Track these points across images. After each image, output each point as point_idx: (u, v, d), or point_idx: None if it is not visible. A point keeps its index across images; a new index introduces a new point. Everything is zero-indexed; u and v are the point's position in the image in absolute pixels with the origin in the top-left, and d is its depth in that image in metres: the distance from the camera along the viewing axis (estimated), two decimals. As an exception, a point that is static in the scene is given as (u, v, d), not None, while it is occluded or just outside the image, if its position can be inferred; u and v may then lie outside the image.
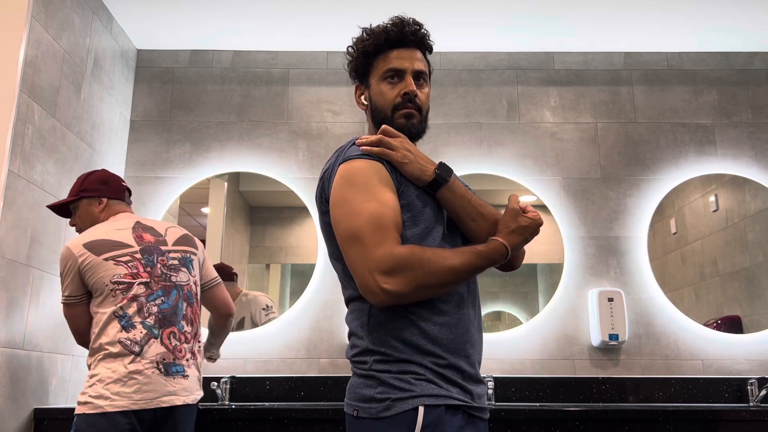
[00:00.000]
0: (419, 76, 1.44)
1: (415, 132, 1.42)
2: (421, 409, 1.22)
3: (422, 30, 1.47)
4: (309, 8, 2.80)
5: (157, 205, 2.94)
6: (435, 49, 3.13)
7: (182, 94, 3.09)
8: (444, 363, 1.26)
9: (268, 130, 3.05)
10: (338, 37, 3.03)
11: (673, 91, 3.11)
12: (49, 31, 2.33)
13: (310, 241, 2.92)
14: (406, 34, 1.44)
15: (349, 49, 1.50)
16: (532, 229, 1.33)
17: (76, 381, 2.54)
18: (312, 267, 2.89)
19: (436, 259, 1.24)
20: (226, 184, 2.98)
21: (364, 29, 1.48)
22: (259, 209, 2.97)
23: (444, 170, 1.34)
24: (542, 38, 3.04)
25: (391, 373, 1.26)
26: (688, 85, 3.11)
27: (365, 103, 1.47)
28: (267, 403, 2.59)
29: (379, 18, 2.99)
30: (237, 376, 2.73)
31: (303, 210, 2.95)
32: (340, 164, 1.34)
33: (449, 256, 1.25)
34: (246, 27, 2.95)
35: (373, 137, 1.34)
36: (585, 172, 3.01)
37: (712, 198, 2.96)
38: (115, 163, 2.90)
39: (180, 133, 3.04)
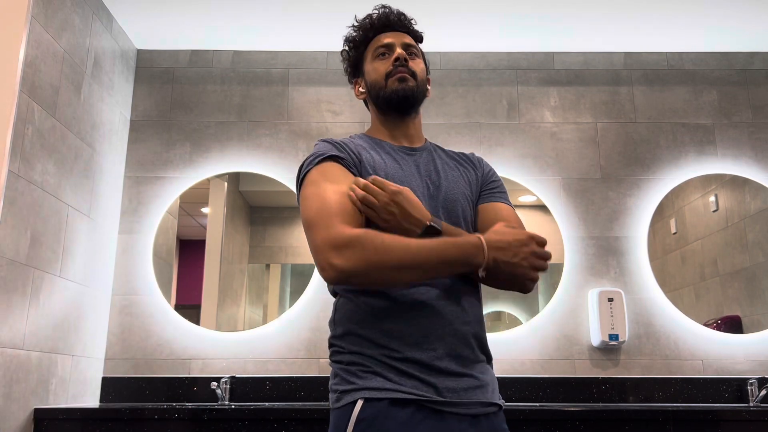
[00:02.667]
0: (409, 48, 1.46)
1: (411, 95, 1.41)
2: (359, 403, 1.20)
3: (406, 16, 1.50)
4: (309, 8, 2.80)
5: (157, 205, 2.94)
6: (435, 49, 3.14)
7: (182, 94, 3.09)
8: (399, 356, 1.22)
9: (268, 130, 3.05)
10: (338, 37, 3.03)
11: (673, 91, 3.11)
12: (49, 31, 2.33)
13: (310, 241, 2.91)
14: (390, 19, 1.48)
15: (342, 52, 1.54)
16: (515, 234, 1.22)
17: (76, 381, 2.54)
18: (312, 267, 2.89)
19: (391, 238, 1.18)
20: (226, 184, 2.98)
21: (351, 25, 1.52)
22: (259, 209, 2.97)
23: (430, 233, 1.23)
24: (542, 38, 3.04)
25: (342, 365, 1.27)
26: (688, 85, 3.11)
27: (363, 90, 1.50)
28: (267, 403, 2.59)
29: (379, 18, 2.99)
30: (237, 376, 2.73)
31: (303, 210, 2.95)
32: (299, 178, 1.37)
33: (408, 239, 1.18)
34: (246, 27, 2.95)
35: (361, 189, 1.25)
36: (585, 172, 3.01)
37: (712, 198, 2.96)
38: (115, 163, 2.90)
39: (180, 133, 3.04)
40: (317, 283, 2.88)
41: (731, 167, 3.00)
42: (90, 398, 2.66)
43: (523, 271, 1.21)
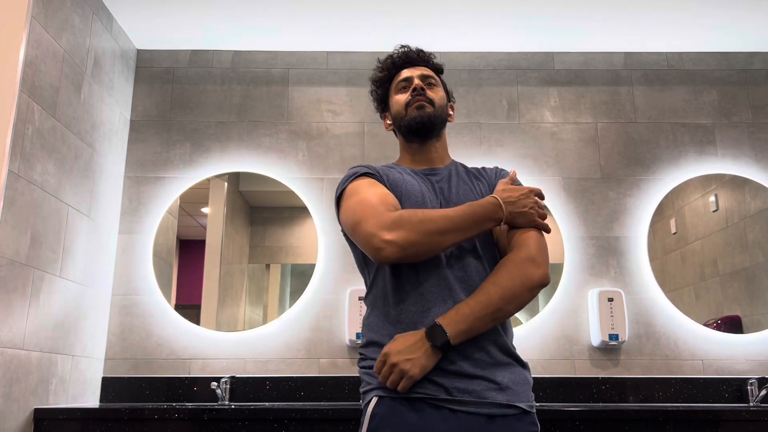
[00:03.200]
0: (426, 79, 1.59)
1: (428, 121, 1.54)
2: (373, 400, 1.35)
3: (424, 52, 1.65)
4: (309, 8, 2.80)
5: (157, 206, 2.94)
6: (435, 49, 3.14)
7: (182, 94, 3.09)
8: None
9: (268, 130, 3.05)
10: (338, 37, 3.03)
11: (673, 91, 3.11)
12: (49, 31, 2.33)
13: (310, 241, 2.92)
14: (409, 56, 1.63)
15: (371, 92, 1.69)
16: (519, 189, 1.42)
17: (76, 381, 2.54)
18: (312, 267, 2.89)
19: (431, 211, 1.37)
20: (226, 184, 2.98)
21: (376, 66, 1.68)
22: (259, 209, 2.97)
23: (437, 337, 1.31)
24: (542, 38, 3.04)
25: (365, 369, 1.41)
26: (688, 85, 3.11)
27: (390, 123, 1.65)
28: (267, 403, 2.59)
29: (379, 18, 3.01)
30: (237, 376, 2.74)
31: (303, 210, 2.95)
32: (336, 195, 1.52)
33: (444, 209, 1.38)
34: (246, 27, 2.95)
35: (378, 366, 1.34)
36: (585, 172, 3.01)
37: (712, 198, 2.96)
38: (115, 163, 2.90)
39: (180, 133, 3.04)
40: (317, 283, 2.88)
41: (731, 167, 3.00)
42: (90, 398, 2.66)
43: (532, 217, 1.41)
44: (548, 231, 1.44)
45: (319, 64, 3.13)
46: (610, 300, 2.78)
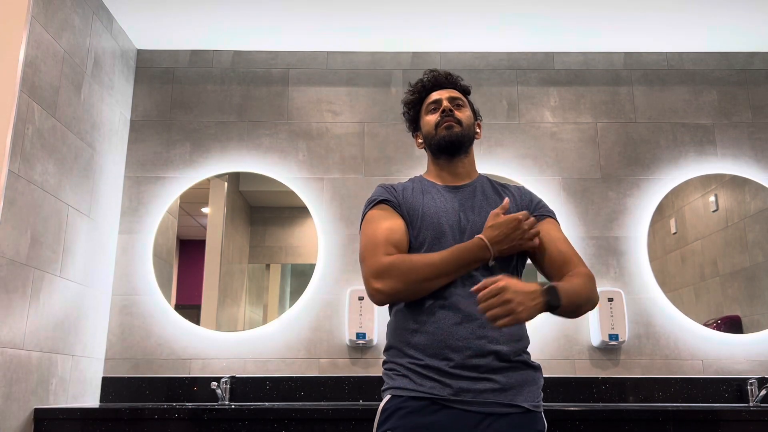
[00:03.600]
0: (455, 101, 1.71)
1: (456, 139, 1.65)
2: (387, 397, 1.50)
3: (452, 75, 1.75)
4: (309, 8, 2.80)
5: (157, 205, 2.94)
6: (435, 49, 3.14)
7: (182, 94, 3.09)
8: (422, 363, 1.48)
9: (268, 130, 3.05)
10: (338, 37, 3.03)
11: (673, 91, 3.11)
12: (49, 31, 2.33)
13: (310, 241, 2.92)
14: (438, 79, 1.74)
15: (404, 113, 1.80)
16: (508, 223, 1.49)
17: (76, 381, 2.54)
18: (312, 267, 2.89)
19: (418, 258, 1.49)
20: (226, 184, 2.98)
21: (407, 90, 1.79)
22: (259, 209, 2.97)
23: (553, 298, 1.39)
24: (542, 38, 3.04)
25: (385, 371, 1.57)
26: (688, 85, 3.11)
27: (421, 141, 1.76)
28: (267, 403, 2.59)
29: (379, 18, 3.01)
30: (237, 376, 2.74)
31: (303, 210, 2.95)
32: (361, 217, 1.66)
33: (431, 255, 1.50)
34: (246, 27, 2.95)
35: (488, 293, 1.33)
36: (585, 172, 3.01)
37: (712, 198, 2.96)
38: (115, 163, 2.90)
39: (180, 133, 3.04)
40: (317, 283, 2.88)
41: (731, 167, 3.00)
42: (90, 398, 2.66)
43: (521, 243, 1.53)
44: (537, 244, 1.56)
45: (319, 64, 3.13)
46: (610, 300, 2.78)
